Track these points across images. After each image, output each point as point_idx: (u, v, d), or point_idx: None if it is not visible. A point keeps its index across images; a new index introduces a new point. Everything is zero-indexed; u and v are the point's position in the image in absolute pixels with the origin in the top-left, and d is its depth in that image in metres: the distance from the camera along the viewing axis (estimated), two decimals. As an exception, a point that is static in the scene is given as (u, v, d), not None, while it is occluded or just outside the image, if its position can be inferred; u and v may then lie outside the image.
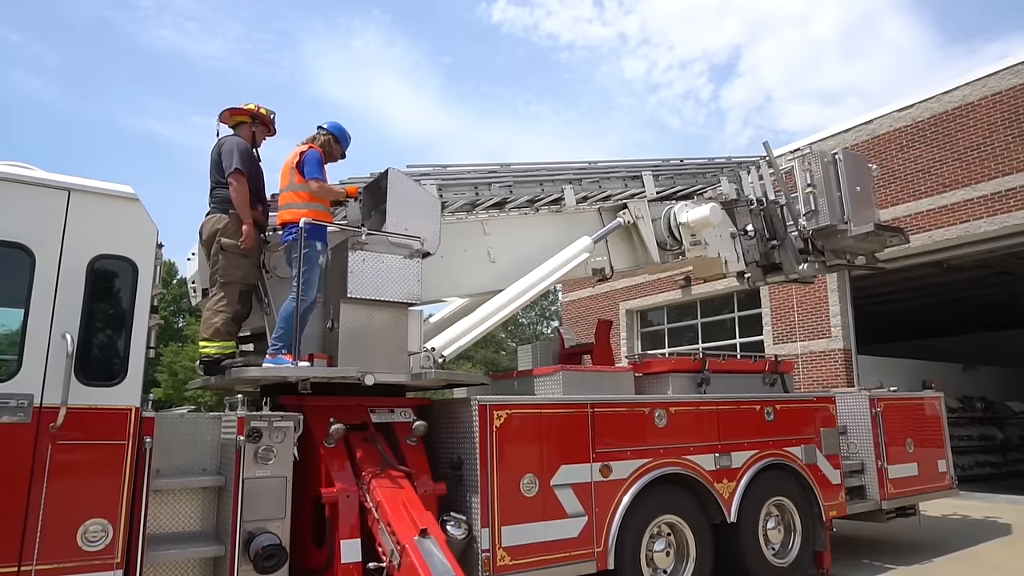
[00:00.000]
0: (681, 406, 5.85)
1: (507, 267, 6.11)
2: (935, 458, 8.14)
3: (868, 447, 7.48)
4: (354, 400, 4.90)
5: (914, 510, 7.89)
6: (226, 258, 4.71)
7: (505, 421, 4.84)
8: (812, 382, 14.28)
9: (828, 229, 7.25)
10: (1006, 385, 18.42)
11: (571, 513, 5.00)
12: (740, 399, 6.30)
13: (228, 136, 4.97)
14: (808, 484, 6.56)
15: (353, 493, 4.37)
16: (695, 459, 5.78)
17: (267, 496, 4.11)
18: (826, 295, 14.26)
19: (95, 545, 3.46)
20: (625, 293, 19.67)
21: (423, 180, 5.77)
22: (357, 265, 4.81)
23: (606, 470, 5.25)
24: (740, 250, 7.31)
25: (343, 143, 5.32)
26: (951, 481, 8.26)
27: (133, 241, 3.80)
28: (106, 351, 3.68)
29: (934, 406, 8.46)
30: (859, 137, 13.78)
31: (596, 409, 5.31)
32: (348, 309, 4.83)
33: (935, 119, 12.74)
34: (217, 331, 4.69)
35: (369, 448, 4.69)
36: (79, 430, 3.48)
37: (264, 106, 5.12)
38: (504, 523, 4.68)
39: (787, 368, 7.19)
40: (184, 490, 4.08)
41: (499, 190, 6.20)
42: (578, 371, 5.80)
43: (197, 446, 4.26)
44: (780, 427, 6.48)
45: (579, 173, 6.57)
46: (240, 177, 4.71)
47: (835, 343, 14.12)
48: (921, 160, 12.86)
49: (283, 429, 4.24)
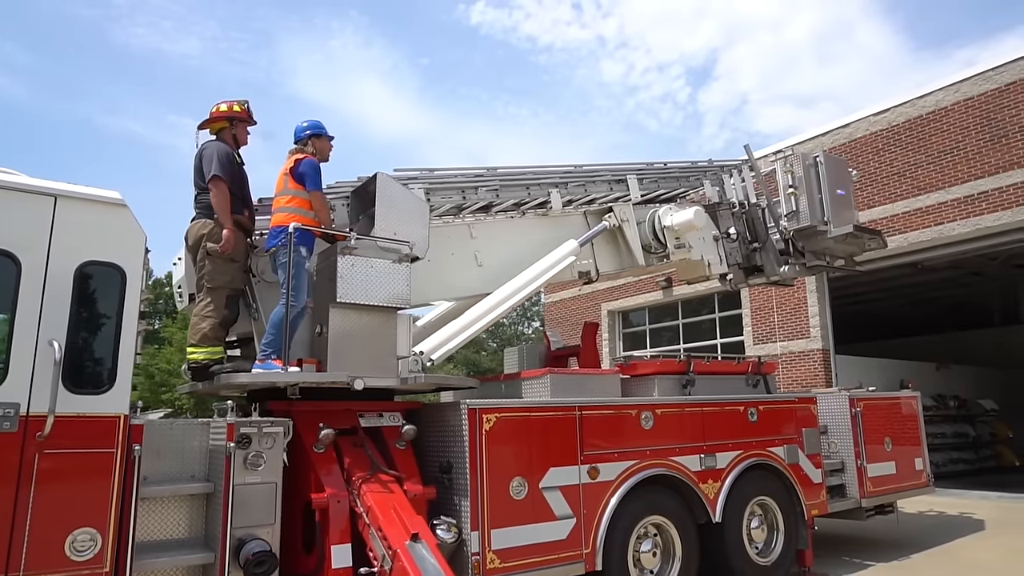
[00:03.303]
0: (667, 408, 5.91)
1: (494, 270, 6.14)
2: (912, 456, 8.32)
3: (848, 446, 7.62)
4: (343, 404, 4.89)
5: (892, 508, 8.05)
6: (212, 263, 4.69)
7: (494, 424, 4.86)
8: (792, 382, 14.49)
9: (808, 230, 7.37)
10: (977, 383, 18.84)
11: (560, 515, 5.04)
12: (725, 400, 6.39)
13: (209, 142, 4.96)
14: (791, 483, 6.66)
15: (343, 498, 4.37)
16: (681, 460, 5.85)
17: (257, 502, 4.09)
18: (805, 296, 14.48)
19: (84, 554, 3.42)
20: (607, 294, 19.79)
21: (410, 184, 5.77)
22: (346, 270, 4.80)
23: (594, 472, 5.29)
24: (723, 252, 7.40)
25: (325, 134, 5.24)
26: (928, 479, 8.44)
27: (121, 247, 3.76)
28: (94, 358, 3.64)
29: (911, 405, 8.65)
30: (836, 140, 14.01)
31: (584, 412, 5.35)
32: (337, 314, 4.82)
33: (910, 123, 13.00)
34: (205, 336, 4.66)
35: (359, 453, 4.68)
36: (67, 439, 3.44)
37: (236, 101, 5.08)
38: (494, 526, 4.70)
39: (770, 369, 7.30)
40: (173, 497, 4.05)
41: (486, 194, 6.23)
42: (566, 374, 5.84)
43: (186, 453, 4.23)
44: (763, 428, 6.58)
45: (565, 177, 6.62)
46: (219, 183, 4.70)
47: (814, 343, 14.35)
48: (897, 163, 13.12)
49: (272, 435, 4.22)
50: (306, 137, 5.10)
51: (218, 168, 4.67)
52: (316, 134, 5.13)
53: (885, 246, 8.01)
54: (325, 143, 5.20)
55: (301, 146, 5.06)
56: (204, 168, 4.75)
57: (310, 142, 5.08)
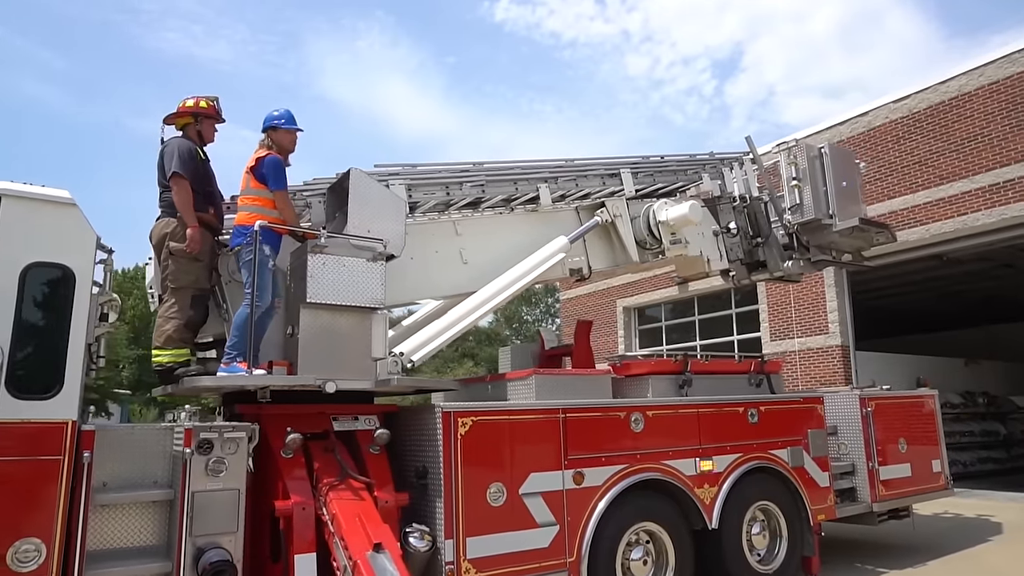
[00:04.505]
0: (659, 409, 5.67)
1: (480, 268, 5.95)
2: (929, 458, 7.94)
3: (859, 448, 7.28)
4: (316, 408, 4.75)
5: (907, 512, 7.69)
6: (176, 263, 4.57)
7: (470, 429, 4.67)
8: (810, 379, 14.08)
9: (813, 223, 7.08)
10: (1010, 379, 18.15)
11: (541, 522, 4.84)
12: (722, 401, 6.12)
13: (171, 139, 4.83)
14: (795, 487, 6.38)
15: (309, 506, 4.22)
16: (674, 464, 5.61)
17: (219, 510, 3.98)
18: (823, 291, 14.04)
19: (27, 565, 3.32)
20: (622, 290, 19.48)
21: (391, 180, 5.62)
22: (317, 269, 4.66)
23: (579, 477, 5.08)
24: (723, 248, 7.13)
25: (291, 124, 5.00)
26: (946, 481, 8.06)
27: (70, 248, 3.66)
28: (40, 363, 3.54)
29: (928, 404, 8.26)
30: (855, 129, 13.54)
31: (568, 414, 5.14)
32: (308, 314, 4.68)
33: (931, 110, 12.49)
34: (169, 338, 4.55)
35: (329, 458, 4.54)
36: (9, 446, 3.34)
37: (205, 97, 4.95)
38: (469, 534, 4.52)
39: (774, 368, 7.00)
40: (133, 504, 3.94)
41: (471, 189, 6.03)
42: (552, 375, 5.62)
43: (149, 458, 4.13)
44: (765, 429, 6.30)
45: (555, 171, 6.40)
46: (179, 180, 4.57)
47: (833, 339, 13.91)
48: (918, 152, 12.62)
49: (235, 440, 4.10)
50: (264, 131, 4.93)
51: (178, 165, 4.54)
52: (273, 127, 4.94)
53: (894, 240, 7.67)
54: (284, 135, 4.96)
55: (266, 143, 4.89)
56: (165, 165, 4.62)
57: (267, 135, 4.91)
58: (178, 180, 4.55)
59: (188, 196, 4.58)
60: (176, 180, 4.55)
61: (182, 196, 4.56)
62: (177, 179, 4.55)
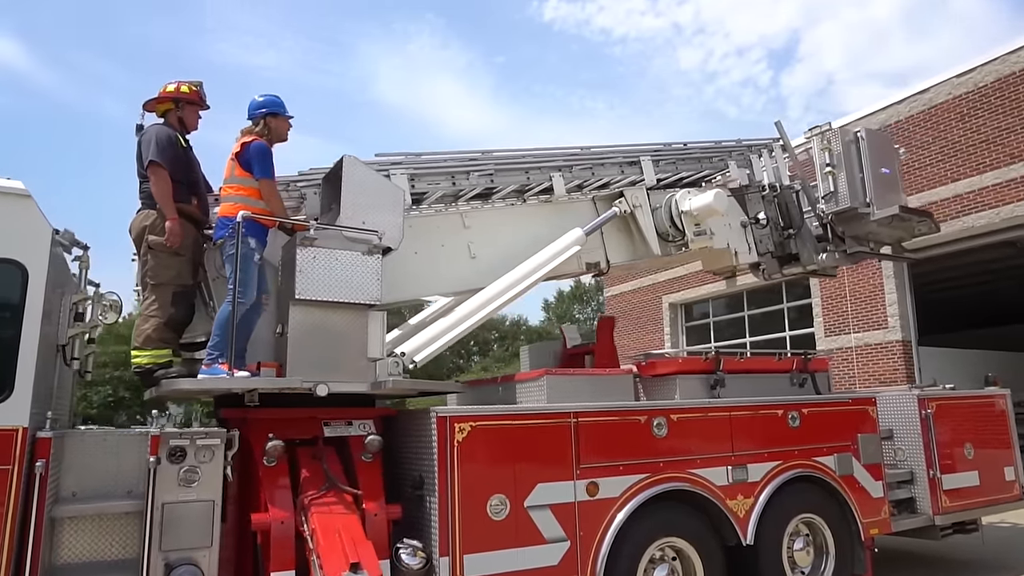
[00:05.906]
0: (685, 413, 5.16)
1: (489, 263, 5.55)
2: (1000, 465, 7.13)
3: (918, 454, 6.56)
4: (307, 412, 4.43)
5: (975, 525, 6.92)
6: (155, 258, 4.30)
7: (469, 435, 4.28)
8: (869, 378, 13.17)
9: (849, 212, 6.47)
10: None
11: (549, 538, 4.40)
12: (758, 403, 5.56)
13: (150, 126, 4.56)
14: (843, 498, 5.76)
15: (288, 519, 3.90)
16: (703, 473, 5.09)
17: (191, 522, 3.71)
18: (881, 282, 13.11)
19: (-27, 584, 3.09)
20: (668, 286, 18.78)
21: (393, 170, 5.28)
22: (306, 263, 4.34)
23: (593, 488, 4.63)
24: (752, 240, 6.56)
25: (283, 112, 4.72)
26: (1020, 490, 7.23)
27: (23, 242, 3.41)
28: (-13, 365, 3.30)
29: (999, 405, 7.43)
30: (913, 108, 12.58)
31: (581, 419, 4.69)
32: (298, 312, 4.36)
33: (1000, 83, 11.45)
34: (148, 338, 4.29)
35: (316, 466, 4.21)
36: (-47, 455, 3.12)
37: (187, 82, 4.68)
38: (468, 551, 4.13)
39: (819, 366, 6.37)
40: (100, 516, 3.68)
41: (480, 179, 5.65)
42: (566, 375, 5.18)
43: (122, 467, 3.85)
44: (808, 434, 5.70)
45: (569, 160, 5.94)
46: (157, 169, 4.28)
47: (892, 334, 12.96)
48: (985, 129, 11.59)
49: (210, 447, 3.82)
50: (260, 116, 4.63)
51: (156, 153, 4.27)
52: (273, 113, 4.65)
53: (937, 230, 7.00)
54: (283, 123, 4.70)
55: (253, 126, 4.60)
56: (142, 154, 4.36)
57: (264, 122, 4.61)
58: (156, 169, 4.28)
59: (167, 186, 4.31)
60: (154, 169, 4.28)
61: (160, 186, 4.29)
62: (155, 168, 4.28)
